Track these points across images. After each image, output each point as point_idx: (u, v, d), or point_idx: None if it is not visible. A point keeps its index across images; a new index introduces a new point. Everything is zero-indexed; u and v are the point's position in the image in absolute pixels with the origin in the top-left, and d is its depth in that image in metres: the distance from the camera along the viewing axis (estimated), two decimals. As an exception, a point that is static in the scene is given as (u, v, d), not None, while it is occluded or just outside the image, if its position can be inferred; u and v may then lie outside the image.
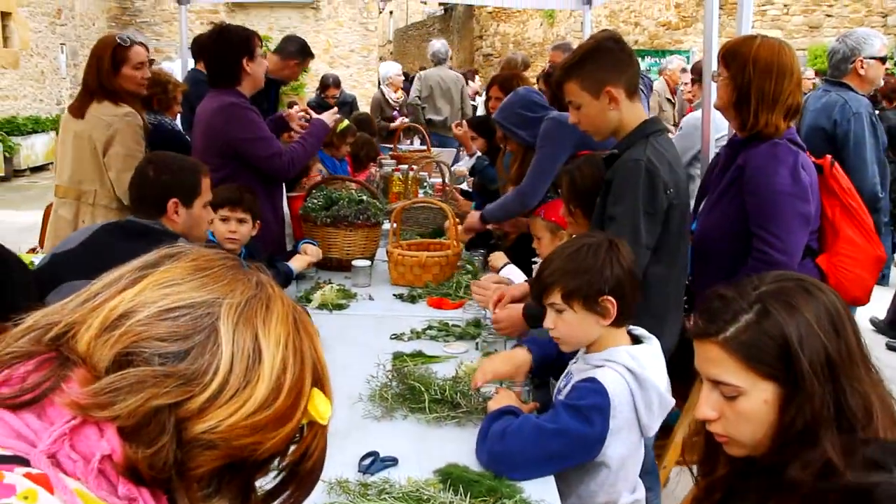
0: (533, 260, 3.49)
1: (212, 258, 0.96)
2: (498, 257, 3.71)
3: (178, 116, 5.02)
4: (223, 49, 3.75)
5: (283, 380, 0.92)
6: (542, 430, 2.00)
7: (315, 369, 0.98)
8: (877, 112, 4.62)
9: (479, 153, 5.36)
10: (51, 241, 3.96)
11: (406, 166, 5.58)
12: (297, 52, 5.61)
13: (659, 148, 2.59)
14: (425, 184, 5.93)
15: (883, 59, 4.37)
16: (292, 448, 0.98)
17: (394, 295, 3.64)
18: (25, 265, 1.64)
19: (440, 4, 27.11)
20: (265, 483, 1.02)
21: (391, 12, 36.59)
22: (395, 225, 3.90)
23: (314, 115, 4.17)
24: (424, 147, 7.09)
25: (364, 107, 11.38)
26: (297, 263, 3.48)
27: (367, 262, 3.80)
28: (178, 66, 7.91)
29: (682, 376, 2.41)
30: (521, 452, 1.99)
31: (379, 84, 9.69)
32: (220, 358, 0.87)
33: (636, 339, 2.24)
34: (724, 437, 1.40)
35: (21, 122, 13.96)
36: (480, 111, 8.21)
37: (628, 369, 2.08)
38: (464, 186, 5.84)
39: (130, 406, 0.82)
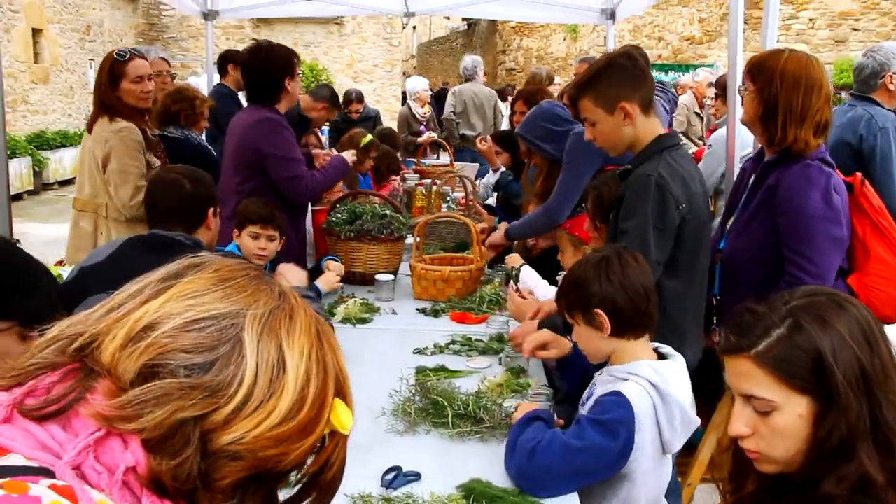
0: (558, 273, 3.48)
1: (234, 268, 0.96)
2: (514, 258, 3.71)
3: (204, 131, 5.07)
4: (267, 67, 3.81)
5: (307, 391, 0.91)
6: (569, 448, 1.99)
7: (337, 380, 0.98)
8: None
9: (503, 168, 5.36)
10: (72, 253, 4.01)
11: (429, 181, 5.59)
12: (328, 97, 5.73)
13: (672, 163, 2.58)
14: (448, 198, 5.94)
15: (912, 74, 4.32)
16: (312, 458, 0.98)
17: (417, 309, 3.64)
18: (53, 276, 1.65)
19: (463, 19, 27.23)
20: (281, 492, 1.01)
21: (414, 27, 36.79)
22: (418, 239, 3.90)
23: (335, 153, 4.30)
24: (448, 161, 7.10)
25: (388, 121, 11.42)
26: (323, 283, 3.49)
27: (391, 277, 3.80)
28: (203, 80, 8.00)
29: (706, 394, 2.39)
30: (550, 471, 1.98)
31: (406, 99, 9.73)
32: (245, 369, 0.87)
33: (661, 357, 2.23)
34: (755, 453, 1.38)
35: (50, 136, 14.16)
36: (505, 126, 8.22)
37: (651, 383, 2.07)
38: (490, 202, 5.84)
39: (157, 418, 0.82)
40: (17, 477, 0.76)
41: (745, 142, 3.90)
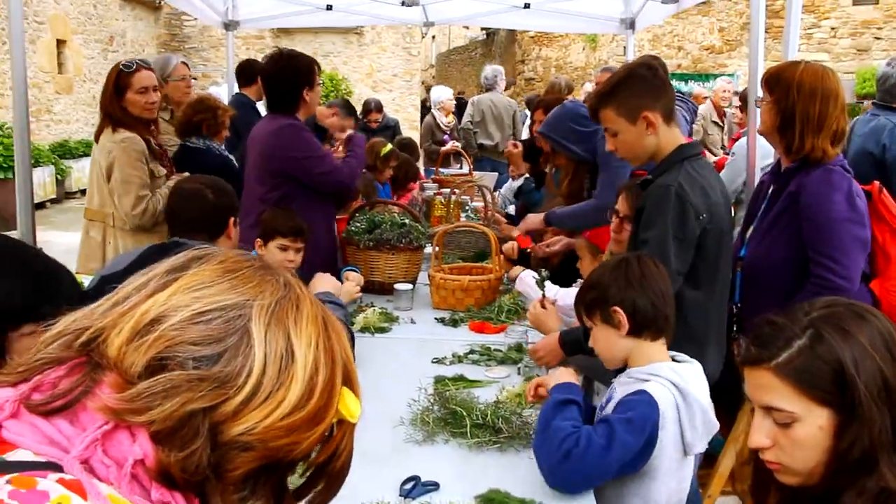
0: (576, 281, 3.48)
1: (239, 260, 0.96)
2: (516, 269, 3.71)
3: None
4: (286, 77, 3.85)
5: (317, 379, 0.91)
6: (604, 452, 1.98)
7: (345, 368, 0.97)
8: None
9: (527, 175, 5.37)
10: (83, 262, 4.05)
11: (448, 190, 5.60)
12: (342, 105, 5.79)
13: (693, 173, 2.57)
14: (467, 207, 5.94)
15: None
16: (319, 447, 0.98)
17: (435, 318, 3.64)
18: (76, 281, 1.67)
19: (482, 29, 27.28)
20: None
21: (434, 37, 36.89)
22: (437, 248, 3.91)
23: (350, 133, 4.34)
24: (467, 171, 7.11)
25: (406, 131, 11.46)
26: (343, 294, 3.48)
27: (409, 286, 3.81)
28: (224, 90, 8.05)
29: (726, 405, 2.38)
30: (582, 473, 1.99)
31: (430, 108, 9.75)
32: (253, 360, 0.87)
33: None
34: (776, 464, 1.38)
35: (73, 145, 14.30)
36: (524, 136, 8.23)
37: (672, 383, 2.09)
38: (508, 210, 5.84)
39: (166, 410, 0.82)
40: (25, 472, 0.77)
41: (767, 151, 3.89)
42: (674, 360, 2.24)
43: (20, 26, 3.53)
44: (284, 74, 3.85)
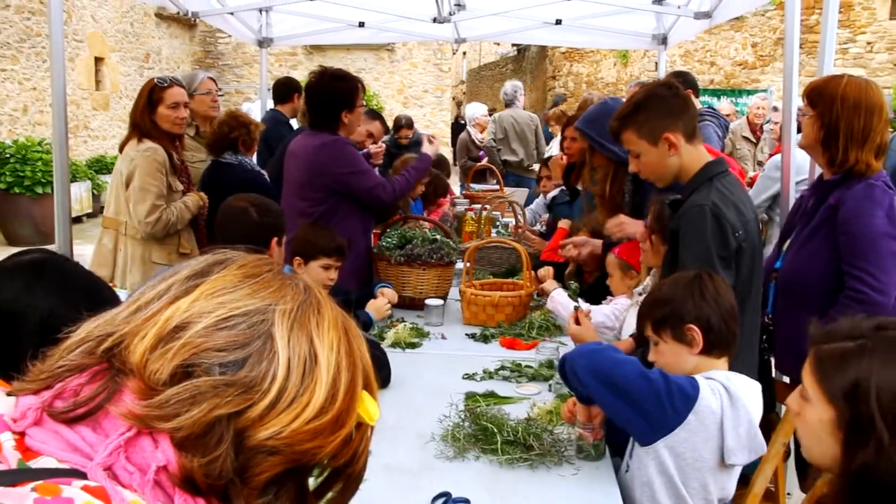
0: (605, 297, 3.46)
1: (258, 264, 0.96)
2: (548, 284, 3.67)
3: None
4: (326, 97, 3.91)
5: (339, 383, 0.91)
6: (641, 368, 2.07)
7: (364, 372, 0.97)
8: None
9: (563, 187, 5.35)
10: (94, 267, 4.08)
11: (479, 206, 5.60)
12: (367, 112, 5.81)
13: (723, 190, 2.56)
14: (498, 223, 5.94)
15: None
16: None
17: (466, 334, 3.64)
18: (116, 295, 1.69)
19: (513, 45, 27.35)
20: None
21: (465, 53, 37.03)
22: (468, 264, 3.91)
23: (421, 150, 4.38)
24: (498, 186, 7.12)
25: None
26: (374, 310, 3.51)
27: (440, 301, 3.81)
28: (257, 106, 8.15)
29: (760, 425, 2.35)
30: (620, 372, 2.05)
31: (465, 125, 9.78)
32: (277, 364, 0.87)
33: None
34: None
35: (109, 160, 14.50)
36: (555, 152, 8.22)
37: (723, 386, 2.09)
38: (536, 227, 5.83)
39: (193, 416, 0.82)
40: (50, 479, 0.77)
41: (800, 167, 3.85)
42: None
43: (61, 45, 3.60)
44: (325, 94, 3.91)
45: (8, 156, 10.89)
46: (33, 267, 1.57)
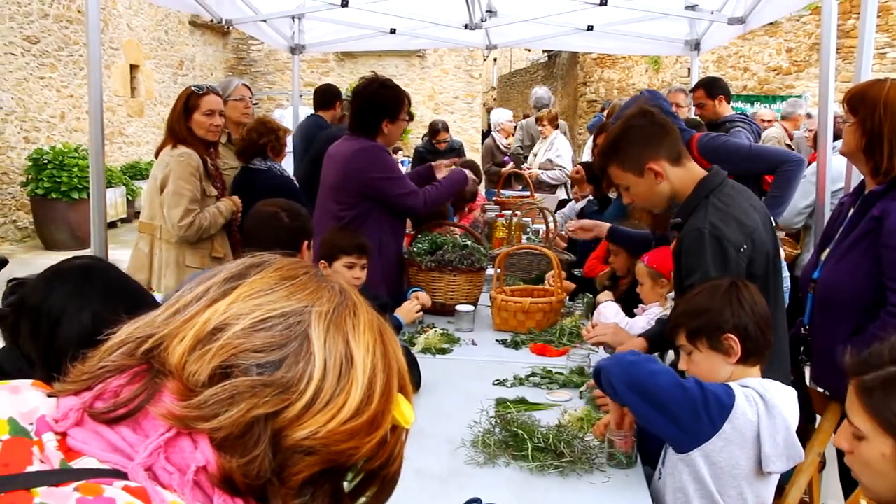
0: (636, 306, 3.44)
1: (294, 267, 0.97)
2: (602, 296, 3.67)
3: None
4: (369, 104, 3.96)
5: (375, 385, 0.92)
6: (676, 377, 2.06)
7: (399, 374, 0.98)
8: None
9: (590, 196, 5.33)
10: (131, 272, 4.11)
11: (510, 212, 5.60)
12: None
13: (721, 206, 2.52)
14: (528, 229, 5.93)
15: None
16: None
17: (497, 340, 3.63)
18: (155, 300, 1.72)
19: (544, 51, 27.29)
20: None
21: (495, 59, 37.04)
22: (498, 270, 3.90)
23: (455, 168, 4.42)
24: (529, 193, 7.10)
25: (468, 153, 11.49)
26: (403, 313, 3.52)
27: (471, 308, 3.81)
28: (289, 113, 8.21)
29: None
30: (652, 374, 2.04)
31: (490, 130, 9.78)
32: (314, 365, 0.88)
33: None
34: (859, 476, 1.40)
35: (143, 166, 14.70)
36: (586, 157, 8.19)
37: (759, 394, 2.08)
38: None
39: (232, 417, 0.83)
40: (92, 479, 0.78)
41: (837, 175, 3.80)
42: None
43: (98, 53, 3.66)
44: (371, 100, 3.96)
45: (45, 161, 11.08)
46: (81, 272, 1.63)
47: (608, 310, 3.40)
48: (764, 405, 2.05)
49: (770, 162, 4.30)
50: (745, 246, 2.46)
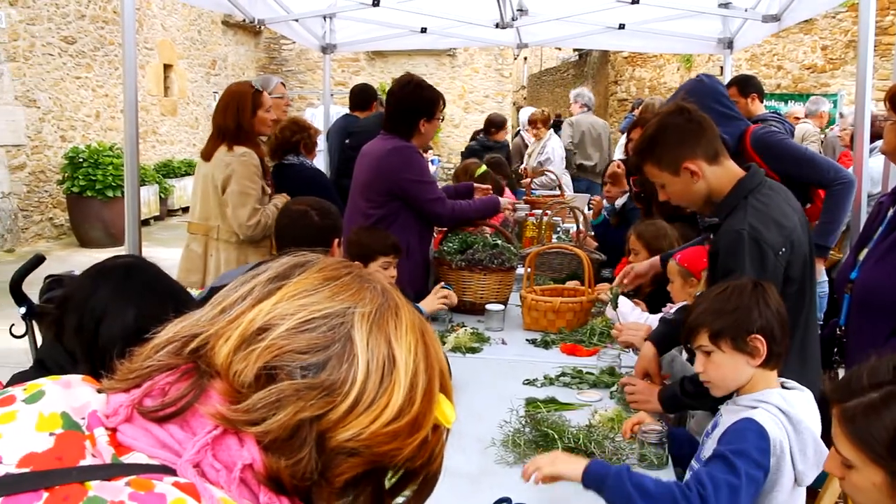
0: (667, 305, 3.41)
1: (338, 267, 0.98)
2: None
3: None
4: (406, 103, 3.98)
5: (417, 386, 0.92)
6: (733, 487, 1.88)
7: (441, 375, 0.98)
8: None
9: (628, 194, 5.29)
10: (183, 275, 4.19)
11: (540, 211, 5.58)
12: None
13: (760, 206, 2.47)
14: (559, 229, 5.91)
15: None
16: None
17: (527, 340, 3.62)
18: (193, 298, 1.75)
19: (575, 50, 27.17)
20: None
21: (525, 58, 36.93)
22: (528, 270, 3.89)
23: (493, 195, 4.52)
24: (559, 192, 7.09)
25: (498, 151, 11.48)
26: (427, 304, 3.54)
27: (501, 307, 3.80)
28: (320, 112, 8.27)
29: (824, 437, 2.29)
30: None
31: (518, 129, 9.79)
32: (357, 366, 0.88)
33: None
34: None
35: (176, 165, 14.88)
36: (619, 155, 8.15)
37: (782, 411, 2.03)
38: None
39: (279, 421, 0.84)
40: (142, 475, 0.79)
41: (875, 178, 3.75)
42: (783, 386, 2.17)
43: (133, 53, 3.71)
44: (407, 100, 3.98)
45: (81, 160, 11.25)
46: (123, 270, 1.67)
47: (624, 306, 3.39)
48: (789, 422, 2.01)
49: (821, 173, 4.02)
50: (783, 249, 2.42)
